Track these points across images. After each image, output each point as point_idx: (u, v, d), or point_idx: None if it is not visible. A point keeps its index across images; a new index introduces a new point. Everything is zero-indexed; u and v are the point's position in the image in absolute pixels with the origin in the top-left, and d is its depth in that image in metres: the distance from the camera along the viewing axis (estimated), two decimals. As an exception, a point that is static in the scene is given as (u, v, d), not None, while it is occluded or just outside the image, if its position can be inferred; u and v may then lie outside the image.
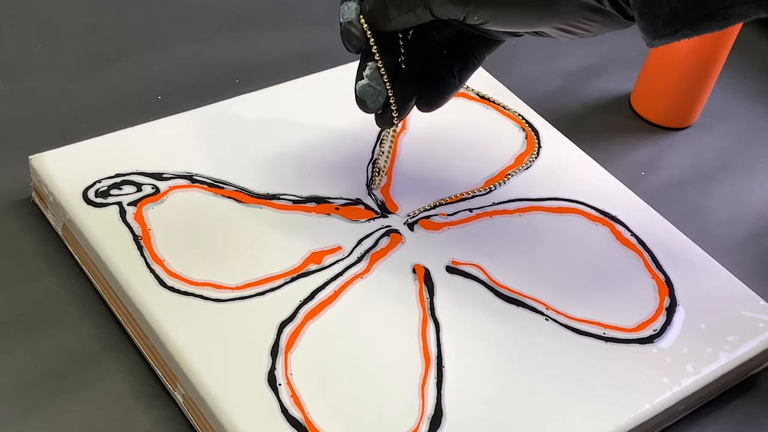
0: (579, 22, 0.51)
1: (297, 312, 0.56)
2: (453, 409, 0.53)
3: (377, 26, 0.55)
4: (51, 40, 0.77)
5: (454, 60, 0.59)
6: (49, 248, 0.61)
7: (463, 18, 0.51)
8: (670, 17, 0.46)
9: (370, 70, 0.56)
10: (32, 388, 0.54)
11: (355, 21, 0.55)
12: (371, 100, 0.57)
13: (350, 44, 0.56)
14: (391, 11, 0.53)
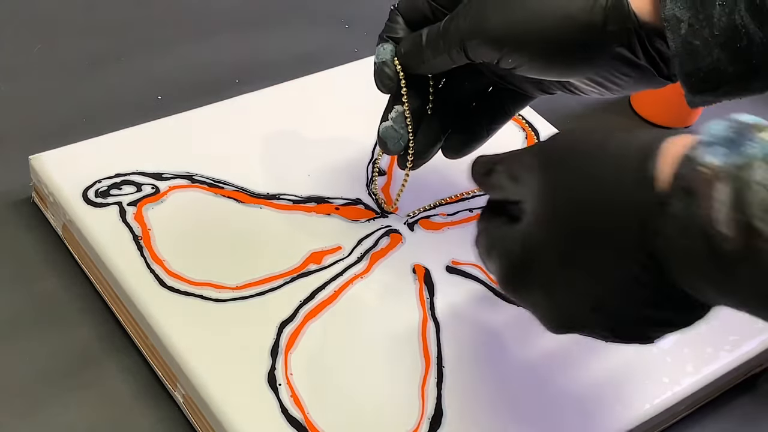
0: (612, 74, 0.50)
1: (297, 312, 0.56)
2: (453, 409, 0.53)
3: (411, 69, 0.56)
4: (51, 40, 0.77)
5: (484, 112, 0.59)
6: (49, 248, 0.61)
7: (497, 61, 0.51)
8: (711, 70, 0.45)
9: (395, 113, 0.57)
10: (32, 388, 0.54)
11: (389, 62, 0.56)
12: (392, 143, 0.57)
13: (382, 84, 0.56)
14: (426, 54, 0.54)
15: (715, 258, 0.37)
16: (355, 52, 0.81)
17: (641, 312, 0.43)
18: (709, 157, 0.37)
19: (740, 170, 0.36)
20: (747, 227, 0.35)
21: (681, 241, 0.38)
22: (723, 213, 0.36)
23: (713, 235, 0.36)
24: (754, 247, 0.35)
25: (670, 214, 0.38)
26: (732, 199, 0.36)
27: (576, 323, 0.45)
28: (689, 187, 0.37)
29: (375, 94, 0.72)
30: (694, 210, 0.37)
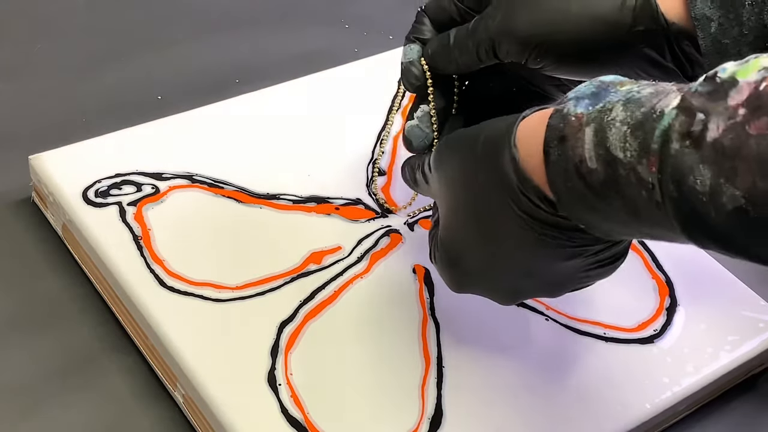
0: (637, 74, 0.51)
1: (297, 312, 0.56)
2: (453, 409, 0.53)
3: (438, 68, 0.56)
4: (51, 40, 0.77)
5: (507, 113, 0.59)
6: (49, 248, 0.61)
7: (525, 61, 0.52)
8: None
9: (421, 112, 0.57)
10: (32, 388, 0.54)
11: (416, 62, 0.57)
12: (417, 141, 0.58)
13: (408, 83, 0.57)
14: (454, 53, 0.55)
15: (592, 191, 0.41)
16: (355, 52, 0.81)
17: (562, 265, 0.47)
18: (577, 108, 0.42)
19: (602, 113, 0.41)
20: (608, 158, 0.40)
21: (563, 184, 0.42)
22: (590, 150, 0.41)
23: (585, 172, 0.41)
24: (615, 173, 0.40)
25: (550, 161, 0.42)
26: (596, 137, 0.41)
27: (520, 293, 0.51)
28: (561, 135, 0.42)
29: (375, 94, 0.72)
30: (568, 153, 0.42)
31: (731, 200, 0.37)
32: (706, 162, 0.37)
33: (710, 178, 0.37)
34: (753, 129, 0.36)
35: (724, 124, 0.37)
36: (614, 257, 0.48)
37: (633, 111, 0.40)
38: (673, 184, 0.38)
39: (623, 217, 0.41)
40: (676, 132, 0.38)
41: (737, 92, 0.37)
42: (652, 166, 0.39)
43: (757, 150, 0.36)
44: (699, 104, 0.38)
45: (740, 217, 0.37)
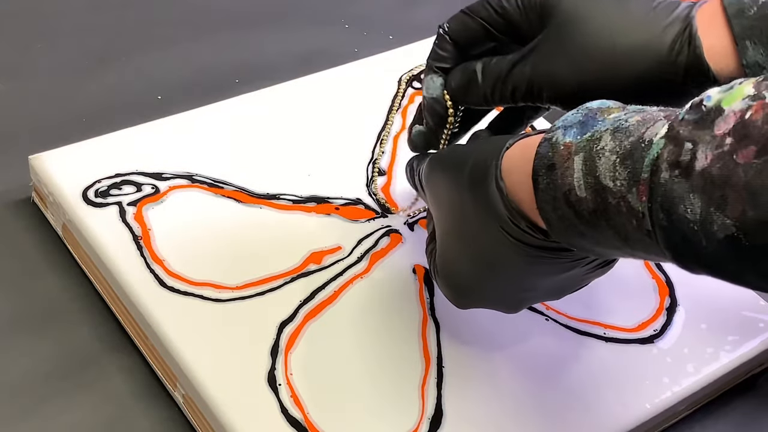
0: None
1: (297, 312, 0.56)
2: (453, 409, 0.53)
3: (461, 102, 0.56)
4: (51, 40, 0.77)
5: (512, 121, 0.60)
6: (49, 248, 0.61)
7: (564, 106, 0.51)
8: None
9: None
10: (32, 388, 0.54)
11: (440, 98, 0.55)
12: (422, 146, 0.58)
13: (432, 120, 0.56)
14: (484, 91, 0.54)
15: (581, 219, 0.41)
16: (355, 52, 0.81)
17: (560, 276, 0.48)
18: (565, 137, 0.43)
19: (590, 142, 0.41)
20: (598, 186, 0.41)
21: (553, 212, 0.42)
22: (579, 179, 0.41)
23: (574, 200, 0.41)
24: (605, 202, 0.40)
25: (539, 189, 0.43)
26: (585, 166, 0.41)
27: (524, 302, 0.52)
28: (550, 163, 0.42)
29: (375, 94, 0.72)
30: (558, 182, 0.42)
31: (722, 228, 0.37)
32: (696, 191, 0.37)
33: (700, 207, 0.37)
34: (740, 158, 0.36)
35: (712, 153, 0.37)
36: (606, 261, 0.48)
37: (621, 140, 0.40)
38: (663, 213, 0.38)
39: (614, 242, 0.41)
40: (665, 161, 0.38)
41: (723, 121, 0.37)
42: (642, 196, 0.39)
43: (745, 179, 0.36)
44: (686, 133, 0.38)
45: (732, 245, 0.37)
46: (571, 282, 0.49)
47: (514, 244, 0.46)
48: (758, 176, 0.36)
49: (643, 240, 0.40)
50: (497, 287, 0.50)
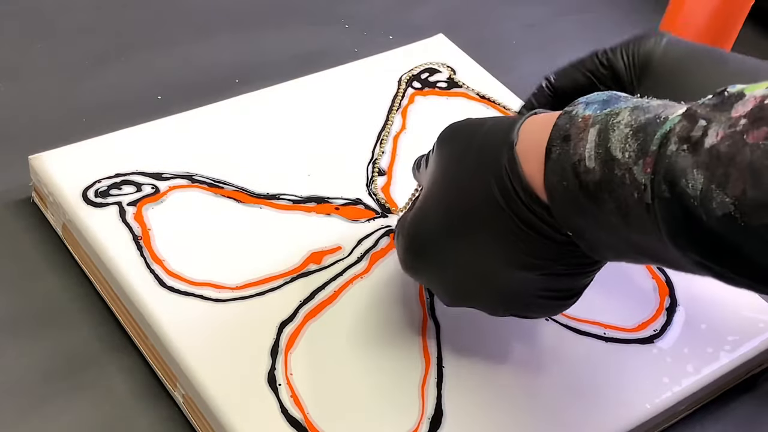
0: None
1: (297, 312, 0.56)
2: (453, 409, 0.53)
3: None
4: (51, 40, 0.77)
5: None
6: (49, 248, 0.61)
7: None
8: None
9: None
10: (32, 388, 0.54)
11: None
12: None
13: None
14: None
15: (585, 191, 0.42)
16: (355, 52, 0.81)
17: (518, 274, 0.47)
18: (586, 111, 0.43)
19: (608, 116, 0.42)
20: (607, 157, 0.41)
21: (559, 182, 0.42)
22: (590, 150, 0.41)
23: (582, 171, 0.41)
24: (611, 173, 0.40)
25: (550, 158, 0.43)
26: (599, 137, 0.41)
27: (468, 298, 0.51)
28: (566, 134, 0.43)
29: (375, 94, 0.72)
30: (570, 152, 0.42)
31: (721, 206, 0.37)
32: (701, 167, 0.37)
33: (702, 183, 0.37)
34: (750, 138, 0.36)
35: (724, 131, 0.37)
36: (570, 293, 0.48)
37: (638, 115, 0.41)
38: (665, 184, 0.38)
39: (612, 220, 0.41)
40: (676, 135, 0.39)
41: (742, 104, 0.38)
42: (648, 167, 0.39)
43: (750, 158, 0.36)
44: (703, 113, 0.39)
45: (729, 225, 0.37)
46: (519, 290, 0.48)
47: (497, 205, 0.46)
48: (764, 156, 0.36)
49: (642, 216, 0.40)
50: (455, 248, 0.49)
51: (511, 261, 0.47)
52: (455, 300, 0.52)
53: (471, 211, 0.47)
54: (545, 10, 0.93)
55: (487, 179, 0.46)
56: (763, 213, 0.36)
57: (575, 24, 0.92)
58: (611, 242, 0.43)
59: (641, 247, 0.42)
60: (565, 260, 0.46)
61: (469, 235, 0.48)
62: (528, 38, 0.89)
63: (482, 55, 0.79)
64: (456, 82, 0.75)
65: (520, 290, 0.48)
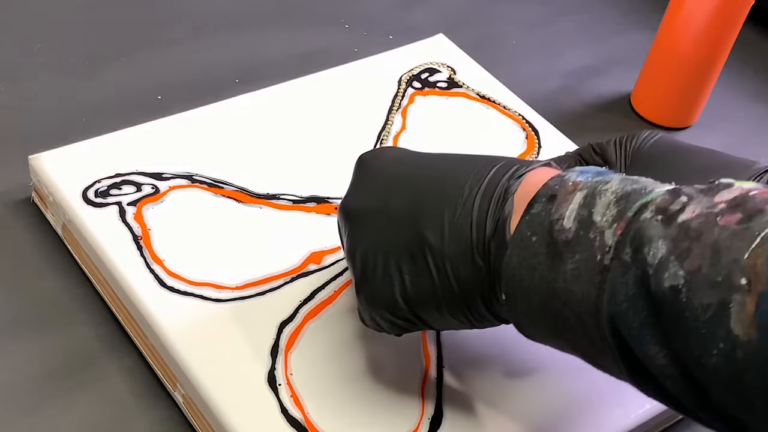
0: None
1: (297, 312, 0.56)
2: (453, 409, 0.53)
3: None
4: (51, 40, 0.77)
5: None
6: (49, 248, 0.61)
7: None
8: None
9: None
10: (32, 388, 0.54)
11: None
12: None
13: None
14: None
15: (550, 246, 0.42)
16: (355, 52, 0.81)
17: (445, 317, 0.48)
18: (578, 177, 0.43)
19: (598, 183, 0.42)
20: (587, 220, 0.41)
21: (529, 235, 0.43)
22: (573, 210, 0.42)
23: (557, 229, 0.42)
24: (585, 235, 0.41)
25: (530, 212, 0.43)
26: (584, 200, 0.42)
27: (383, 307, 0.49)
28: (553, 194, 0.43)
29: (375, 94, 0.72)
30: (552, 210, 0.42)
31: (672, 278, 0.37)
32: (667, 238, 0.38)
33: (663, 253, 0.38)
34: (722, 220, 0.37)
35: (700, 210, 0.38)
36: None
37: (626, 185, 0.41)
38: (630, 248, 0.39)
39: (558, 284, 0.41)
40: (655, 205, 0.39)
41: (728, 192, 0.39)
42: (618, 230, 0.40)
43: (716, 238, 0.37)
44: (688, 191, 0.40)
45: (672, 297, 0.37)
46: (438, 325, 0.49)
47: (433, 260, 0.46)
48: (729, 238, 0.36)
49: (592, 278, 0.40)
50: (375, 224, 0.48)
51: (442, 314, 0.47)
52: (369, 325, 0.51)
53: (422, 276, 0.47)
54: (545, 10, 0.93)
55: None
56: (709, 293, 0.36)
57: (575, 24, 0.93)
58: (544, 319, 0.43)
59: (566, 321, 0.42)
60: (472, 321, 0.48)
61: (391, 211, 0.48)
62: (528, 38, 0.89)
63: (482, 55, 0.79)
64: (456, 82, 0.75)
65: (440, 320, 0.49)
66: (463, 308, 0.47)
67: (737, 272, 0.35)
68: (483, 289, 0.45)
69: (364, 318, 0.50)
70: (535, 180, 0.45)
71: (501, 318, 0.47)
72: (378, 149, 0.54)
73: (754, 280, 0.35)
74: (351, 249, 0.49)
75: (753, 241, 0.36)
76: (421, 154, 0.51)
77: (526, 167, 0.46)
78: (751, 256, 0.35)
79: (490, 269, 0.45)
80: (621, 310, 0.39)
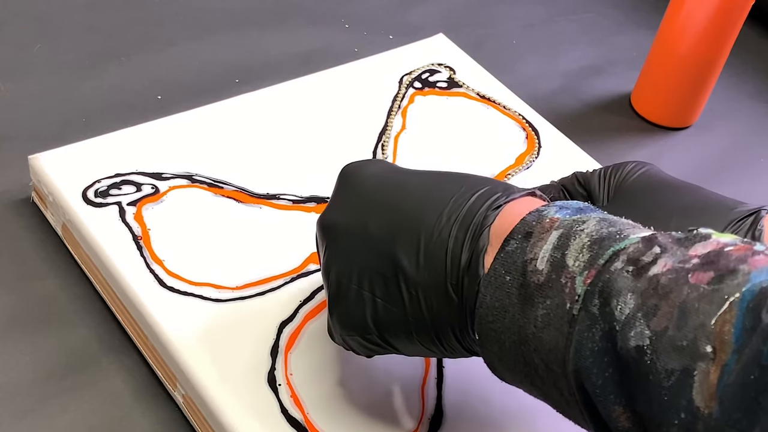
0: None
1: (297, 312, 0.56)
2: (453, 409, 0.53)
3: None
4: (51, 40, 0.77)
5: None
6: (49, 248, 0.61)
7: None
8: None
9: None
10: (32, 388, 0.54)
11: None
12: None
13: None
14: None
15: (523, 288, 0.40)
16: (355, 52, 0.81)
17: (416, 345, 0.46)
18: (557, 213, 0.42)
19: (574, 223, 0.41)
20: (559, 263, 0.39)
21: (503, 274, 0.41)
22: (546, 252, 0.40)
23: (530, 271, 0.40)
24: (557, 279, 0.39)
25: (505, 250, 0.41)
26: (558, 241, 0.40)
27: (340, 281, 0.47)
28: (529, 231, 0.41)
29: (375, 94, 0.72)
30: (526, 248, 0.41)
31: (638, 337, 0.36)
32: (636, 292, 0.36)
33: (631, 309, 0.36)
34: (693, 278, 0.35)
35: (672, 264, 0.36)
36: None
37: (602, 227, 0.40)
38: (598, 299, 0.37)
39: (529, 330, 0.40)
40: (627, 254, 0.38)
41: (703, 245, 0.37)
42: (588, 279, 0.38)
43: (685, 298, 0.35)
44: (663, 241, 0.38)
45: (637, 358, 0.35)
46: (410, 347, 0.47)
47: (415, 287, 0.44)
48: (697, 300, 0.35)
49: (561, 328, 0.38)
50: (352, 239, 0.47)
51: (412, 341, 0.46)
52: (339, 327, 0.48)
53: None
54: (545, 10, 0.93)
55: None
56: (673, 357, 0.34)
57: (575, 24, 0.93)
58: (515, 364, 0.42)
59: (536, 368, 0.41)
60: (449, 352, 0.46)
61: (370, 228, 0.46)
62: (528, 38, 0.89)
63: (482, 55, 0.79)
64: (456, 82, 0.75)
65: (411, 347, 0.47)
66: (434, 339, 0.45)
67: (703, 338, 0.34)
68: (455, 322, 0.44)
69: (334, 336, 0.49)
70: (514, 213, 0.43)
71: (473, 352, 0.46)
72: (361, 162, 0.51)
73: (719, 348, 0.33)
74: (326, 266, 0.48)
75: (721, 305, 0.34)
76: (404, 171, 0.49)
77: (506, 197, 0.44)
78: (718, 322, 0.34)
79: (463, 304, 0.43)
80: (586, 365, 0.37)
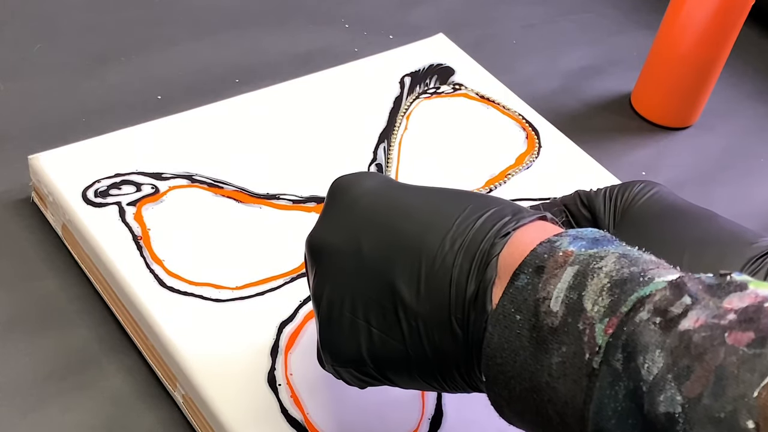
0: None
1: (297, 312, 0.56)
2: (453, 409, 0.53)
3: None
4: (51, 40, 0.77)
5: None
6: (49, 248, 0.61)
7: None
8: None
9: None
10: (32, 388, 0.54)
11: None
12: None
13: None
14: None
15: (536, 331, 0.37)
16: (355, 52, 0.81)
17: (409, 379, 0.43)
18: (571, 245, 0.38)
19: (591, 258, 0.37)
20: (576, 306, 0.36)
21: (513, 312, 0.38)
22: (561, 291, 0.36)
23: (543, 311, 0.37)
24: (574, 324, 0.36)
25: (514, 285, 0.38)
26: (574, 280, 0.36)
27: (349, 362, 0.44)
28: (541, 265, 0.38)
29: (375, 94, 0.72)
30: (538, 286, 0.37)
31: (668, 403, 0.32)
32: (665, 349, 0.33)
33: (660, 368, 0.32)
34: (731, 338, 0.32)
35: (705, 319, 0.33)
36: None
37: (623, 266, 0.36)
38: (622, 354, 0.34)
39: (543, 379, 0.37)
40: (653, 304, 0.34)
41: (739, 298, 0.33)
42: (610, 328, 0.34)
43: (722, 362, 0.31)
44: (693, 288, 0.34)
45: (666, 426, 0.32)
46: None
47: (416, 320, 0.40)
48: (737, 365, 0.31)
49: (579, 380, 0.35)
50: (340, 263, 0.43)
51: (412, 377, 0.43)
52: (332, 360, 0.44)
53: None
54: (545, 10, 0.93)
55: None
56: (710, 431, 0.31)
57: (575, 24, 0.93)
58: (525, 410, 0.39)
59: (549, 420, 0.37)
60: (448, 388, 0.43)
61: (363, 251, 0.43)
62: (528, 38, 0.89)
63: (482, 55, 0.79)
64: (457, 88, 0.75)
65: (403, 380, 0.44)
66: (437, 375, 0.42)
67: (744, 411, 0.30)
68: (459, 359, 0.40)
69: (325, 366, 0.45)
70: (524, 241, 0.39)
71: (479, 389, 0.42)
72: (355, 175, 0.46)
73: (763, 424, 0.30)
74: (316, 290, 0.44)
75: (765, 374, 0.30)
76: (402, 187, 0.45)
77: (516, 222, 0.40)
78: (761, 394, 0.30)
79: (468, 340, 0.40)
80: (609, 427, 0.34)
